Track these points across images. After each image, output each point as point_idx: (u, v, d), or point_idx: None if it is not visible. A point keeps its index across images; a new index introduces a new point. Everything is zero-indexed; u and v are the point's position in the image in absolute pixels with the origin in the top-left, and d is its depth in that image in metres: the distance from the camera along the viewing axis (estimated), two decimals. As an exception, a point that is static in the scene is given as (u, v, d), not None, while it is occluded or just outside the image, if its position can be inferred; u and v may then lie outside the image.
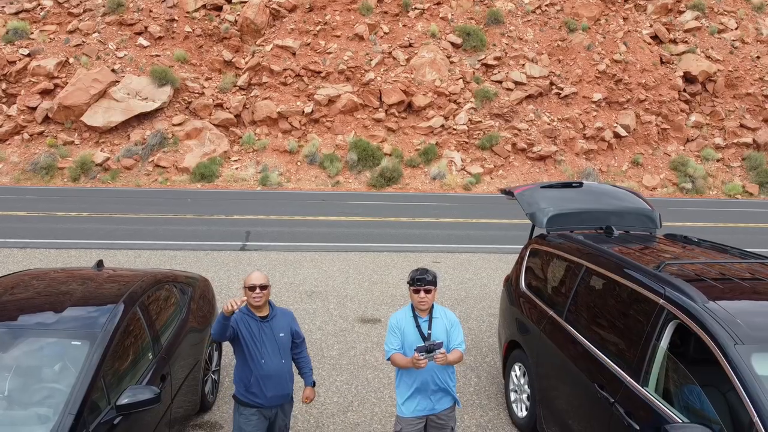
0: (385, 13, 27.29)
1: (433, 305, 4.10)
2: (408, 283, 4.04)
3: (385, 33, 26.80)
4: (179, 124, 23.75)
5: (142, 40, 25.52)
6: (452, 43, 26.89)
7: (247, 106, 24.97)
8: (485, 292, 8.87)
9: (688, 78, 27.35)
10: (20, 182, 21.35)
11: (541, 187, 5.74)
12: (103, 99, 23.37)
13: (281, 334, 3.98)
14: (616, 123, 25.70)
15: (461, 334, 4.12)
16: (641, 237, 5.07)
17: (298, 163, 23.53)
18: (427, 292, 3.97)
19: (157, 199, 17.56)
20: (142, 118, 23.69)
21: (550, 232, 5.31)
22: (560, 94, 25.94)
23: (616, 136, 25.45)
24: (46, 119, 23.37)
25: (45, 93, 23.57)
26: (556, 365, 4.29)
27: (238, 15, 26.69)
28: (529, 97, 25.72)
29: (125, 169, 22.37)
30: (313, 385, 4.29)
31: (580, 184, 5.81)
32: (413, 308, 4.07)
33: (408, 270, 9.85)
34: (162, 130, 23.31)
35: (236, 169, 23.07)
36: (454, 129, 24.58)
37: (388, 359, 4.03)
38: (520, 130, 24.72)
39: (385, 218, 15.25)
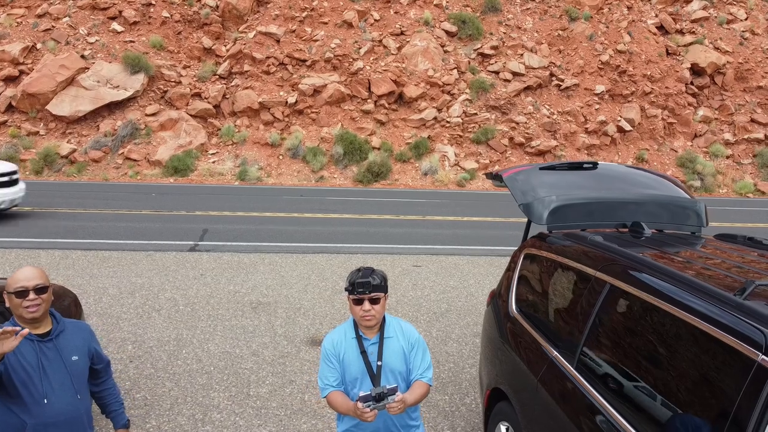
0: (376, -1, 25.70)
1: (384, 319, 2.76)
2: (346, 290, 2.66)
3: (375, 20, 25.22)
4: (153, 115, 22.15)
5: (115, 25, 23.91)
6: (447, 32, 25.33)
7: (227, 96, 23.39)
8: (471, 305, 7.30)
9: (696, 70, 25.85)
10: (-22, 175, 19.69)
11: (540, 169, 4.17)
12: (71, 87, 21.75)
13: (74, 357, 2.57)
14: (620, 117, 24.16)
15: (427, 358, 2.78)
16: (684, 239, 3.51)
17: (280, 157, 21.95)
18: (374, 301, 2.64)
19: (119, 194, 15.98)
20: (113, 107, 22.09)
21: (552, 231, 3.75)
22: (561, 85, 24.40)
23: (620, 130, 23.90)
24: (10, 108, 21.76)
25: (9, 80, 21.94)
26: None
27: (220, 0, 25.09)
28: (527, 88, 24.16)
29: (93, 162, 20.77)
30: (127, 426, 2.85)
31: (594, 165, 4.25)
32: (356, 325, 2.75)
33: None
34: (134, 121, 21.71)
35: (213, 162, 21.49)
36: (448, 122, 23.02)
37: (324, 398, 2.71)
38: (517, 124, 23.17)
39: (365, 216, 13.68)
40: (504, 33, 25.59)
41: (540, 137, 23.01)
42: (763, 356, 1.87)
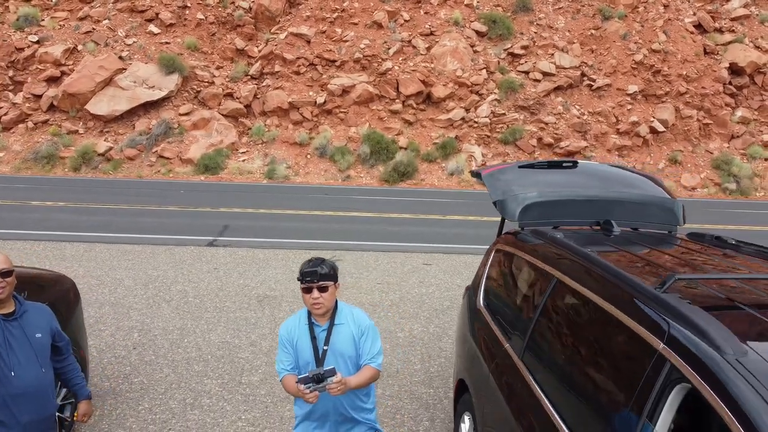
0: (406, -1, 25.81)
1: (336, 306, 2.93)
2: (298, 279, 2.85)
3: (405, 20, 25.31)
4: (186, 114, 22.74)
5: (152, 27, 24.63)
6: (477, 32, 25.26)
7: (257, 96, 23.85)
8: (474, 302, 7.36)
9: (735, 70, 25.11)
10: (20, 171, 20.64)
11: (520, 167, 4.25)
12: (109, 87, 22.53)
13: (37, 335, 2.83)
14: (653, 117, 23.68)
15: (377, 344, 2.92)
16: (653, 237, 3.55)
17: (308, 156, 22.27)
18: (322, 290, 2.80)
19: (150, 190, 16.51)
20: (148, 107, 22.78)
21: (523, 228, 3.82)
22: (592, 85, 24.06)
23: (653, 131, 23.43)
24: (52, 107, 22.67)
25: (51, 80, 22.85)
26: (503, 427, 2.81)
27: (253, 2, 25.58)
28: (557, 88, 23.90)
29: (128, 160, 21.47)
30: (89, 397, 3.12)
31: (574, 164, 4.30)
32: (309, 313, 2.91)
33: (391, 272, 8.44)
34: (168, 120, 22.34)
35: (243, 161, 21.95)
36: (476, 122, 22.97)
37: (281, 380, 2.91)
38: (546, 124, 22.95)
39: (386, 214, 13.82)
40: (535, 32, 25.37)
41: (570, 138, 22.75)
42: (665, 345, 1.94)
